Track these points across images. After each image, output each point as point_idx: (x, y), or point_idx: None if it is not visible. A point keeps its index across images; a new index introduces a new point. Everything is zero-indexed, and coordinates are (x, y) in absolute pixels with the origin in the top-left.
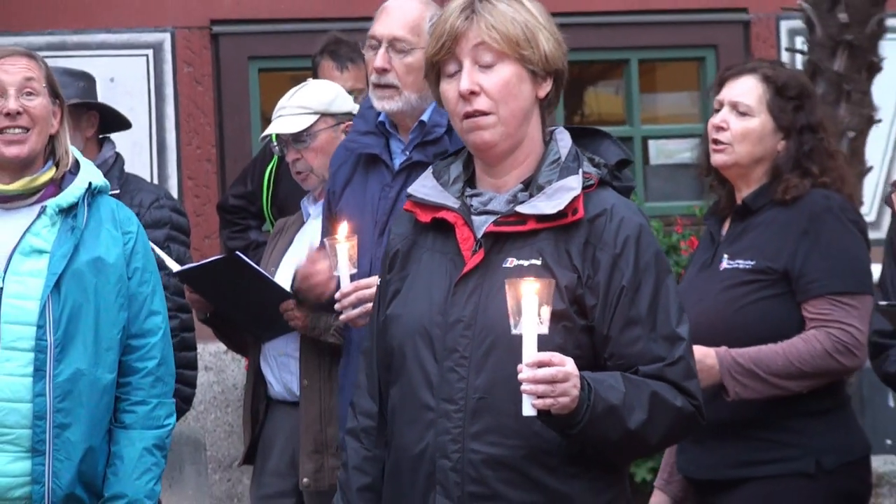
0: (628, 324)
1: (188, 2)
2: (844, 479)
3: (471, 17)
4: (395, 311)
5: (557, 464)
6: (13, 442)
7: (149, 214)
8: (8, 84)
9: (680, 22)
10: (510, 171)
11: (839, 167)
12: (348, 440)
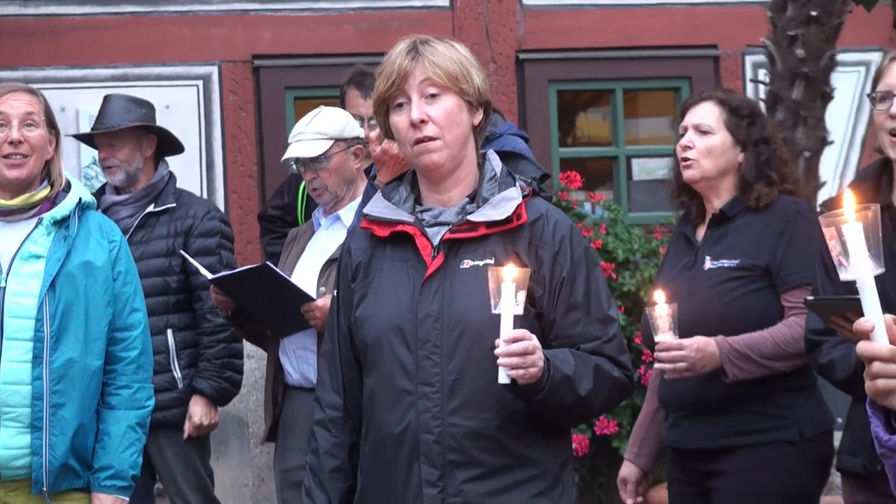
0: (569, 309)
1: (233, 39)
2: (819, 446)
3: (416, 58)
4: (364, 312)
5: (523, 432)
6: (15, 419)
7: (202, 225)
8: (12, 116)
9: (659, 57)
10: (454, 188)
11: (793, 172)
12: (318, 430)
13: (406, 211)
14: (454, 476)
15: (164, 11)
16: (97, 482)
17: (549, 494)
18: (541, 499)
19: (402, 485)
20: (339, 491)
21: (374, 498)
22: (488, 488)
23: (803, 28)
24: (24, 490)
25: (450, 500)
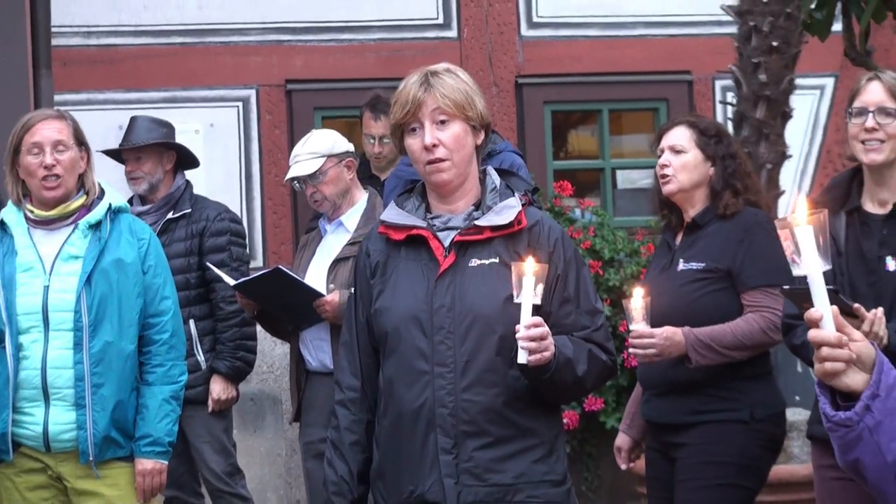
0: (563, 302)
1: (268, 66)
2: (769, 426)
3: (428, 89)
4: (383, 304)
5: (525, 407)
6: (61, 399)
7: (213, 225)
8: (44, 144)
9: (639, 81)
10: (460, 199)
11: (755, 183)
12: (338, 408)
13: (418, 217)
14: (466, 444)
15: (209, 42)
16: (138, 449)
17: (546, 461)
18: (539, 465)
19: (420, 453)
20: (357, 462)
21: (393, 465)
22: (495, 455)
23: (766, 56)
24: (72, 460)
25: (463, 465)
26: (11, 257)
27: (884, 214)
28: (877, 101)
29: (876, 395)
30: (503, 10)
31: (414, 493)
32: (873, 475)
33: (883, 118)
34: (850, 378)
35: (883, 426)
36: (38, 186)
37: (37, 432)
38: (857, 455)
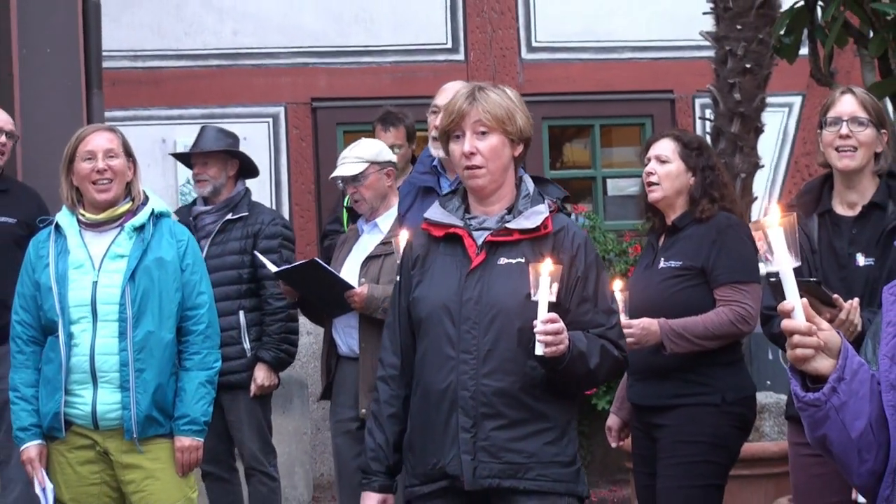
0: (582, 301)
1: (295, 86)
2: (740, 408)
3: (472, 102)
4: (420, 293)
5: (539, 393)
6: (108, 382)
7: (267, 229)
8: (97, 151)
9: (627, 99)
10: (496, 203)
11: (731, 192)
12: (379, 384)
13: (458, 217)
14: (484, 425)
15: (242, 65)
16: (177, 427)
17: (558, 443)
18: (550, 446)
19: (443, 430)
20: (394, 432)
21: (420, 439)
22: (510, 436)
23: (740, 77)
24: (117, 437)
25: (480, 443)
26: (65, 256)
27: (853, 216)
28: (850, 111)
29: (841, 378)
30: (505, 36)
31: (437, 466)
32: (839, 450)
33: (855, 127)
34: (818, 363)
35: (847, 406)
36: (90, 190)
37: (86, 412)
38: (825, 432)
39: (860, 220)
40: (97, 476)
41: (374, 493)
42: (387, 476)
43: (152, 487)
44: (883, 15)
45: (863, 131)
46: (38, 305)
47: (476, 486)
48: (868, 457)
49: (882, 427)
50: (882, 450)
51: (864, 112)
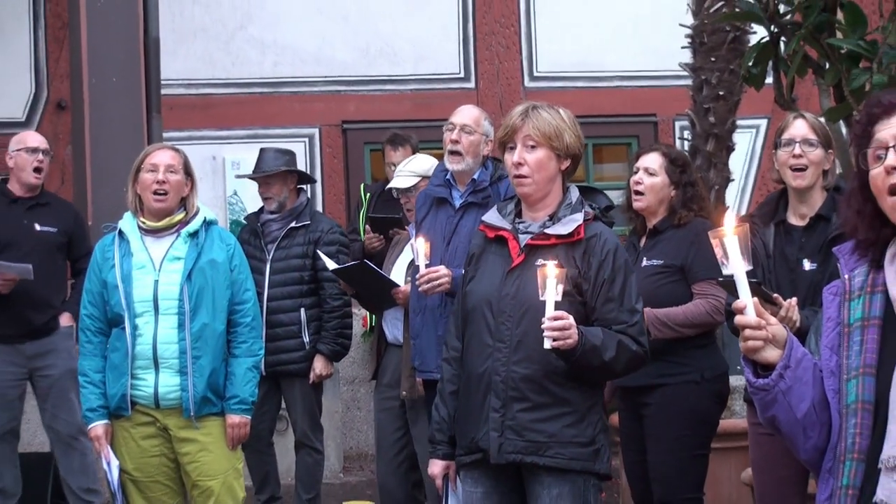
0: (607, 301)
1: (328, 110)
2: (715, 384)
3: (525, 119)
4: (470, 288)
5: (561, 381)
6: (169, 367)
7: (326, 237)
8: (160, 165)
9: (616, 122)
10: (542, 210)
11: (707, 205)
12: (443, 364)
13: (508, 221)
14: (512, 406)
15: (282, 92)
16: (228, 407)
17: (577, 426)
18: (569, 428)
19: (479, 410)
20: (454, 407)
21: (463, 416)
22: (534, 417)
23: (714, 103)
24: (176, 415)
25: (507, 423)
26: (128, 258)
27: (803, 225)
28: (802, 134)
29: (787, 366)
30: (510, 67)
31: (473, 440)
32: (786, 428)
33: (807, 147)
34: (767, 353)
35: (793, 390)
36: (149, 198)
37: (148, 393)
38: (774, 413)
39: (808, 229)
40: (157, 449)
41: (439, 460)
42: (449, 445)
43: (205, 458)
44: (837, 49)
45: (813, 151)
46: (105, 301)
47: (500, 461)
48: (812, 434)
49: (824, 409)
50: (824, 428)
51: (814, 134)
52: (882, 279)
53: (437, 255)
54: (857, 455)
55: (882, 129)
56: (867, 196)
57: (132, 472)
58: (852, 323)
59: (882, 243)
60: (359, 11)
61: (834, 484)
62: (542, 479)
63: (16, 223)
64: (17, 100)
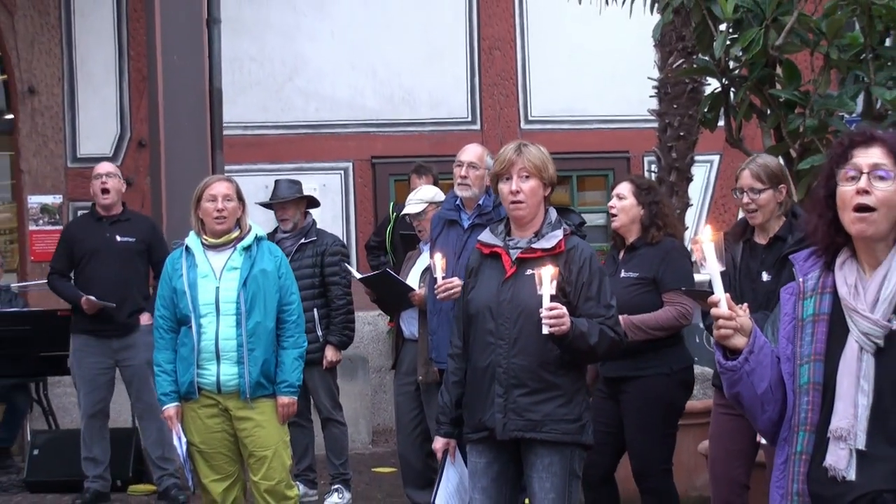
0: (587, 299)
1: (360, 147)
2: (682, 375)
3: (518, 154)
4: (472, 296)
5: (553, 369)
6: (228, 358)
7: (330, 249)
8: (218, 195)
9: (596, 158)
10: (529, 229)
11: (673, 220)
12: (449, 359)
13: (500, 240)
14: (513, 392)
15: (322, 132)
16: (279, 389)
17: (567, 406)
18: (561, 408)
19: (485, 396)
20: (456, 395)
21: (471, 401)
22: (531, 400)
23: (676, 142)
24: (235, 398)
25: (509, 406)
26: (193, 268)
27: (764, 244)
28: (748, 184)
29: (752, 351)
30: (509, 113)
31: (481, 420)
32: (748, 403)
33: (753, 194)
34: (735, 340)
35: (755, 371)
36: (211, 222)
37: (212, 381)
38: (739, 389)
39: (768, 247)
40: (219, 426)
41: (441, 437)
42: (451, 426)
43: (259, 433)
44: (776, 98)
45: (759, 197)
46: (175, 304)
47: (505, 437)
48: (768, 409)
49: (779, 388)
50: (779, 404)
51: (759, 182)
52: (831, 281)
53: (448, 268)
54: (809, 427)
55: (859, 156)
56: (830, 205)
57: (199, 445)
58: (805, 318)
59: (834, 249)
60: (385, 66)
61: (789, 450)
62: (538, 450)
63: (100, 237)
64: (106, 139)
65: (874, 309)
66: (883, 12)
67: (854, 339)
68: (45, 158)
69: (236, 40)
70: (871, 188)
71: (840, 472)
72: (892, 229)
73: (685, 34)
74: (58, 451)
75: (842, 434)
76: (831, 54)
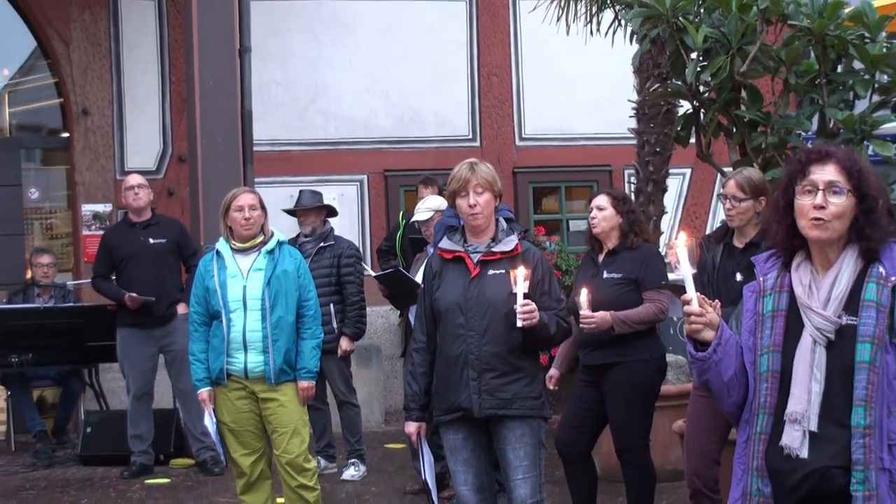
0: (542, 294)
1: (374, 162)
2: (658, 362)
3: (472, 172)
4: (439, 295)
5: (518, 354)
6: (254, 348)
7: (346, 252)
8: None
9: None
10: (484, 236)
11: (646, 227)
12: (414, 353)
13: (460, 246)
14: (485, 375)
15: (341, 149)
16: (299, 375)
17: (530, 385)
18: (526, 388)
19: (458, 380)
20: (424, 384)
21: (443, 387)
22: (501, 382)
23: (653, 157)
24: (261, 382)
25: (483, 388)
26: (223, 270)
27: (741, 248)
28: (731, 192)
29: (719, 343)
30: (505, 132)
31: (455, 402)
32: (716, 389)
33: (735, 202)
34: (705, 334)
35: (722, 361)
36: (239, 229)
37: (240, 368)
38: (708, 377)
39: (744, 251)
40: (247, 407)
41: (412, 422)
42: (420, 412)
43: (282, 412)
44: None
45: (740, 205)
46: (207, 301)
47: (482, 415)
48: (733, 393)
49: (743, 375)
50: (742, 390)
51: (741, 192)
52: (788, 281)
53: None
54: (767, 410)
55: (815, 172)
56: (788, 213)
57: (229, 424)
58: (765, 313)
59: (791, 251)
60: (396, 91)
61: (750, 431)
62: (508, 424)
63: (135, 241)
64: (151, 155)
65: (826, 307)
66: (835, 42)
67: (808, 333)
68: (96, 172)
69: (265, 67)
70: (827, 203)
71: (794, 450)
72: (843, 234)
73: (660, 62)
74: (108, 429)
75: (796, 417)
76: (790, 79)
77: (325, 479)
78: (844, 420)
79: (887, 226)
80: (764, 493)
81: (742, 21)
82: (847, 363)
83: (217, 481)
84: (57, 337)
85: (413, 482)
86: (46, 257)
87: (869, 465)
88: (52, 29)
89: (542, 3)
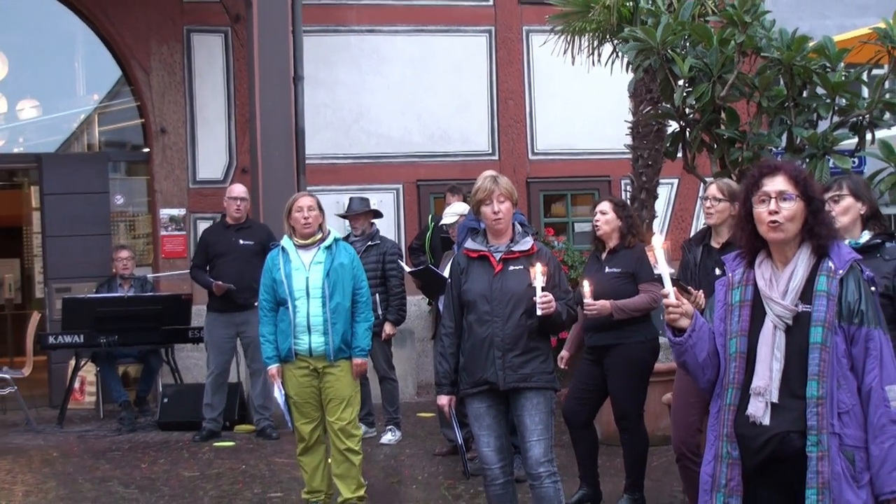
0: (553, 287)
1: (408, 173)
2: (652, 344)
3: (495, 183)
4: (466, 287)
5: (536, 336)
6: (317, 331)
7: (389, 251)
8: (304, 207)
9: (586, 181)
10: (504, 237)
11: (641, 230)
12: (444, 337)
13: (483, 246)
14: (508, 354)
15: (380, 162)
16: (354, 352)
17: (545, 363)
18: (542, 365)
19: (485, 358)
20: (453, 363)
21: (471, 364)
22: (522, 360)
23: (645, 169)
24: (322, 360)
25: (507, 365)
26: (288, 263)
27: (718, 247)
28: (712, 193)
29: (694, 329)
30: (520, 147)
31: (482, 377)
32: (692, 368)
33: (714, 202)
34: (681, 322)
35: (697, 345)
36: (300, 228)
37: (305, 347)
38: (685, 359)
39: (721, 250)
40: (308, 382)
41: (445, 395)
42: (451, 386)
43: (337, 384)
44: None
45: (718, 205)
46: (274, 290)
47: (506, 387)
48: (707, 372)
49: (715, 356)
50: (715, 369)
51: (720, 194)
52: (752, 276)
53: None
54: (736, 385)
55: (767, 184)
56: (749, 220)
57: (294, 396)
58: (734, 303)
59: (754, 251)
60: (427, 113)
61: (721, 403)
62: (526, 394)
63: (228, 241)
64: (218, 167)
65: (785, 297)
66: (801, 71)
67: (770, 320)
68: (172, 181)
69: (315, 93)
70: (779, 208)
71: (758, 418)
72: (797, 234)
73: (652, 88)
74: (182, 400)
75: (760, 391)
76: (762, 103)
77: (366, 443)
78: (800, 392)
79: (833, 225)
80: (732, 456)
81: (722, 53)
82: (803, 344)
83: (274, 444)
84: (139, 321)
85: (441, 445)
86: (125, 252)
87: (822, 430)
88: (134, 60)
89: (551, 37)
